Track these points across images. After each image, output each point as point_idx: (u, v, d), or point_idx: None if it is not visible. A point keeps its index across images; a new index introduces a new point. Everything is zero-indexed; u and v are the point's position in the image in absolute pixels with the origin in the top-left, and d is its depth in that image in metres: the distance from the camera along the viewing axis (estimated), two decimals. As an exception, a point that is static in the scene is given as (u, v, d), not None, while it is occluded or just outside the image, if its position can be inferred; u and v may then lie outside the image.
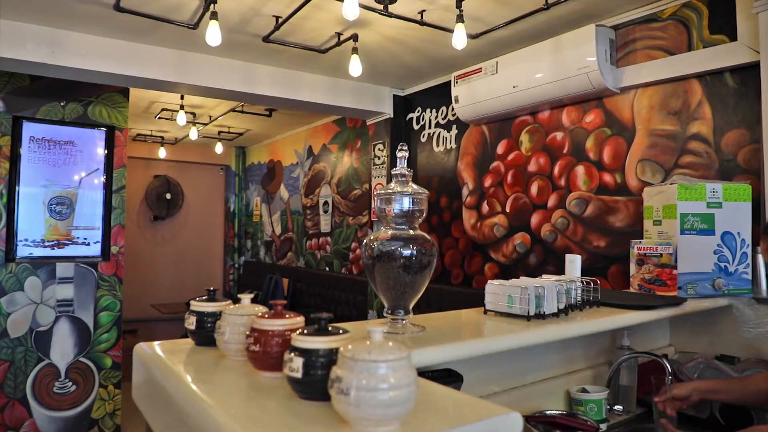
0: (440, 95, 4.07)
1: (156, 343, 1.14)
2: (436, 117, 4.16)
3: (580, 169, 3.11)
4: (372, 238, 1.31)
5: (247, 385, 0.84)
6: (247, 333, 0.90)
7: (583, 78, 2.86)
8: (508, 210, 3.56)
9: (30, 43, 3.12)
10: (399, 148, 1.32)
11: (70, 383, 4.07)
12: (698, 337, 2.30)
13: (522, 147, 3.48)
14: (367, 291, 4.55)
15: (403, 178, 1.32)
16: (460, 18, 2.60)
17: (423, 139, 4.30)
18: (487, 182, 3.71)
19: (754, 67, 2.33)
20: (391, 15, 2.78)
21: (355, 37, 3.12)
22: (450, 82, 3.71)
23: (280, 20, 2.96)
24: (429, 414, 0.70)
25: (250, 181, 7.58)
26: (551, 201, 3.27)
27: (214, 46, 2.82)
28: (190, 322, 1.09)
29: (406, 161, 1.33)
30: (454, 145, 4.00)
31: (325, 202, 5.62)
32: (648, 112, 2.80)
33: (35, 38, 3.11)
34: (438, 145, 4.15)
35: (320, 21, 2.99)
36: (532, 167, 3.41)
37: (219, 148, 6.60)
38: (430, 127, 4.23)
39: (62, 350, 4.05)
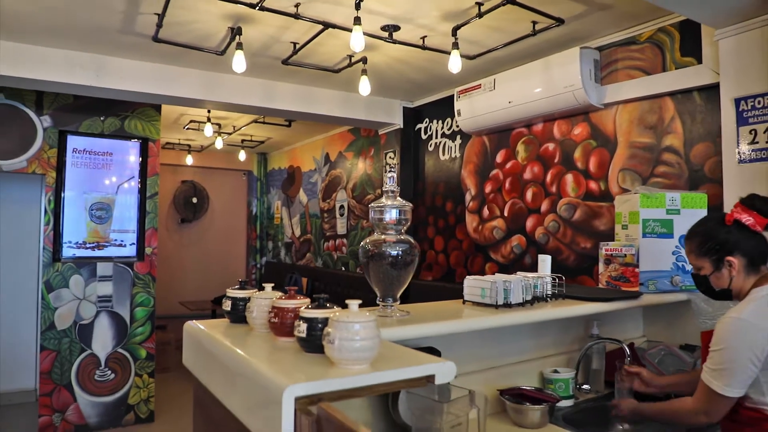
0: (446, 108, 4.39)
1: (200, 321, 1.49)
2: (442, 128, 4.49)
3: (569, 177, 3.42)
4: (367, 241, 1.65)
5: (269, 346, 1.19)
6: (269, 310, 1.25)
7: (569, 95, 3.17)
8: (506, 214, 3.87)
9: (78, 69, 3.53)
10: (387, 170, 1.66)
11: (110, 372, 4.49)
12: (667, 328, 2.59)
13: (518, 156, 3.79)
14: (379, 289, 4.88)
15: (392, 194, 1.65)
16: (455, 45, 2.93)
17: (430, 148, 4.63)
18: (488, 188, 4.03)
19: (716, 87, 2.62)
20: (395, 42, 3.12)
21: (364, 60, 3.48)
22: (454, 95, 4.04)
23: (298, 46, 3.32)
24: (390, 361, 1.04)
25: (272, 185, 7.98)
26: (544, 206, 3.58)
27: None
28: (227, 305, 1.45)
29: (394, 180, 1.67)
30: (458, 154, 4.33)
31: (341, 206, 5.98)
32: (628, 126, 3.09)
33: (82, 64, 3.53)
34: (444, 153, 4.48)
35: (333, 46, 3.35)
36: (527, 175, 3.72)
37: (242, 155, 7.01)
38: (436, 137, 4.56)
39: (102, 342, 4.47)
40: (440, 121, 4.52)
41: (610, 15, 2.91)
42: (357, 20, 2.61)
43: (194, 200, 7.72)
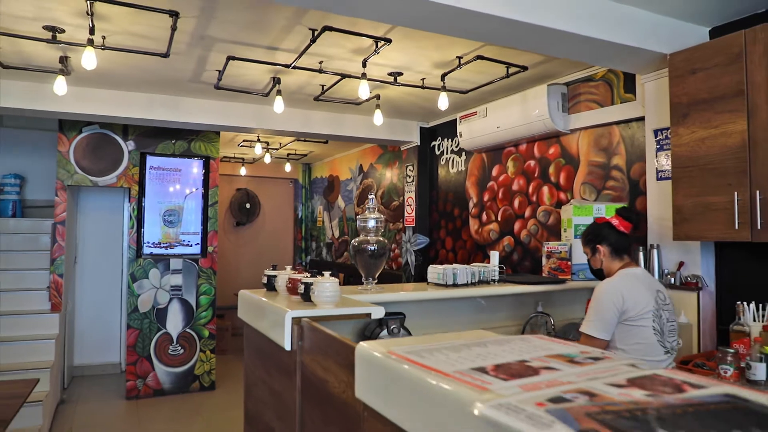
0: (453, 129, 5.19)
1: (248, 290, 2.40)
2: (451, 145, 5.30)
3: (545, 189, 4.17)
4: (355, 240, 2.50)
5: (286, 300, 2.06)
6: (287, 280, 2.13)
7: (540, 123, 3.93)
8: (499, 219, 4.65)
9: (158, 107, 4.56)
10: (368, 195, 2.52)
11: (180, 347, 5.52)
12: (607, 309, 3.32)
13: (508, 171, 4.56)
14: (401, 281, 5.73)
15: (372, 208, 2.51)
16: (443, 88, 3.75)
17: (442, 162, 5.44)
18: (486, 197, 4.81)
19: (644, 119, 3.33)
20: (400, 84, 3.97)
21: (377, 96, 4.34)
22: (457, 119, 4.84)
23: (325, 87, 4.22)
24: (349, 305, 1.89)
25: (315, 192, 8.96)
26: (527, 212, 4.34)
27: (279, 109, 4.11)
28: (264, 280, 2.34)
29: (373, 200, 2.52)
30: (463, 168, 5.12)
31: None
32: (587, 148, 3.82)
33: (162, 104, 4.55)
34: (452, 167, 5.28)
35: (352, 88, 4.22)
36: (515, 186, 4.48)
37: (288, 167, 8.01)
38: (447, 153, 5.37)
39: (174, 323, 5.52)
40: (449, 140, 5.33)
41: (568, 59, 3.64)
42: (363, 75, 3.48)
43: (248, 206, 8.79)
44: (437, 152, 5.54)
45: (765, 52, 2.42)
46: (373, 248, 2.46)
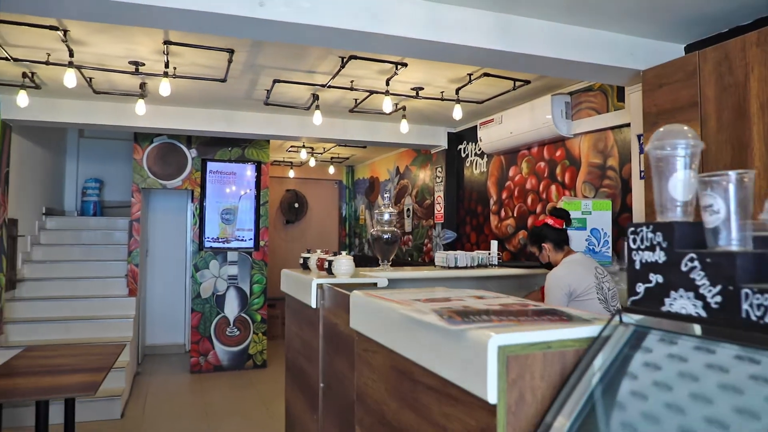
0: (475, 133, 5.72)
1: (289, 269, 3.05)
2: (474, 149, 5.83)
3: (553, 188, 4.65)
4: (373, 230, 3.12)
5: (316, 273, 2.70)
6: (317, 260, 2.76)
7: (546, 129, 4.43)
8: (515, 215, 5.16)
9: (216, 120, 5.32)
10: (384, 194, 3.13)
11: (236, 329, 6.29)
12: (600, 292, 3.80)
13: (523, 172, 5.07)
14: (431, 273, 6.29)
15: (387, 206, 3.12)
16: (458, 100, 4.31)
17: (467, 164, 5.99)
18: (504, 195, 5.33)
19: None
20: (421, 98, 4.56)
21: (404, 108, 4.94)
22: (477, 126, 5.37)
23: (358, 101, 4.86)
24: (358, 276, 2.51)
25: (357, 192, 9.64)
26: (538, 209, 4.83)
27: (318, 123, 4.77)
28: (300, 261, 2.99)
29: (389, 198, 3.13)
30: (485, 169, 5.65)
31: (408, 209, 7.45)
32: (587, 151, 4.29)
33: (219, 118, 5.31)
34: (476, 169, 5.82)
35: (381, 101, 4.83)
36: (528, 185, 4.99)
37: (331, 169, 8.72)
38: (471, 156, 5.91)
39: (231, 308, 6.29)
40: (473, 144, 5.87)
41: (568, 74, 4.14)
42: (387, 92, 4.09)
43: (296, 205, 9.56)
44: (463, 155, 6.09)
45: (713, 71, 2.88)
46: (387, 236, 3.07)
